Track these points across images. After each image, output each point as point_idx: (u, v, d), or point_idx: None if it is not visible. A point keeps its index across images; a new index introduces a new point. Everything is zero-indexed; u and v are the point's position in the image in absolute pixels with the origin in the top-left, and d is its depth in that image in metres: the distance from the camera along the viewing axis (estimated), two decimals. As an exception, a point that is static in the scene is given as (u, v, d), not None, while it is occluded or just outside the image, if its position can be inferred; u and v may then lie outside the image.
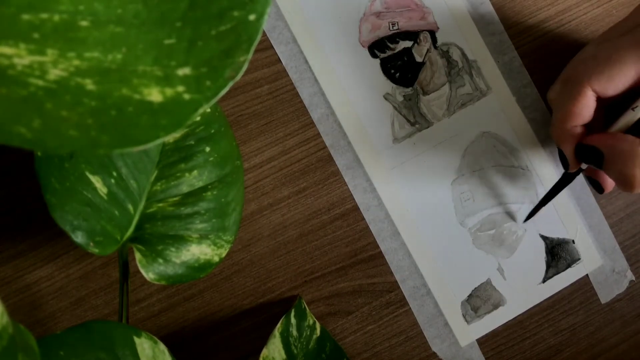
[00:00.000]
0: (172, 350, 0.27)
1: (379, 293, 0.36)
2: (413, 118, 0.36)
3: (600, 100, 0.30)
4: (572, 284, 0.37)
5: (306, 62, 0.35)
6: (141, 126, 0.16)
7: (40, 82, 0.16)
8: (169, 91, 0.17)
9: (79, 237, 0.26)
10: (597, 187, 0.33)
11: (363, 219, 0.36)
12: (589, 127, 0.32)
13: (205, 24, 0.18)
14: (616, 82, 0.28)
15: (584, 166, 0.33)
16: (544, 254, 0.37)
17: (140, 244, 0.29)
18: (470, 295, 0.36)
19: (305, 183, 0.36)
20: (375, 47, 0.36)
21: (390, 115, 0.36)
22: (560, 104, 0.31)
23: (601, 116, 0.31)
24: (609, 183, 0.32)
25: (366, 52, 0.36)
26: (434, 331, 0.36)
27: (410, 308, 0.36)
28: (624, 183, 0.28)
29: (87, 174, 0.27)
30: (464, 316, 0.36)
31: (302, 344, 0.33)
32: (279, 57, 0.35)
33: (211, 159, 0.30)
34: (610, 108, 0.31)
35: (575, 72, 0.29)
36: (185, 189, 0.30)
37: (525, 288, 0.37)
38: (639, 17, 0.29)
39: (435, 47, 0.36)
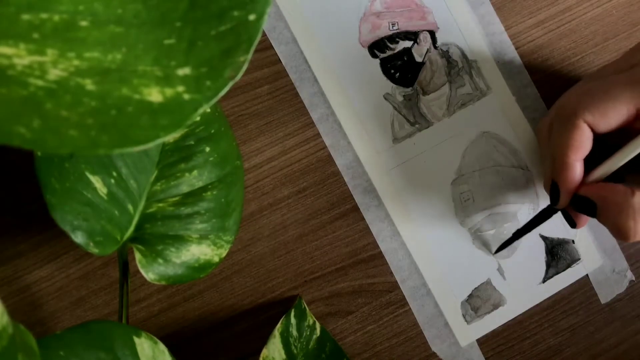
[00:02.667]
0: (172, 350, 0.27)
1: (379, 293, 0.36)
2: (413, 118, 0.36)
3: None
4: (572, 284, 0.37)
5: (306, 62, 0.35)
6: (141, 126, 0.16)
7: (40, 82, 0.16)
8: (169, 91, 0.17)
9: (79, 237, 0.26)
10: (570, 222, 0.32)
11: (363, 219, 0.36)
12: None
13: (205, 24, 0.18)
14: (609, 118, 0.28)
15: None
16: (544, 254, 0.37)
17: (140, 244, 0.29)
18: (470, 295, 0.36)
19: (305, 183, 0.36)
20: (375, 47, 0.36)
21: (390, 115, 0.36)
22: (555, 140, 0.30)
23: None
24: (583, 220, 0.32)
25: (366, 52, 0.36)
26: (434, 331, 0.36)
27: (410, 308, 0.36)
28: (619, 234, 0.28)
29: (87, 174, 0.27)
30: (464, 316, 0.36)
31: (302, 344, 0.33)
32: (278, 57, 0.35)
33: (211, 159, 0.30)
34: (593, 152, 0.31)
35: (568, 106, 0.29)
36: (185, 189, 0.30)
37: (525, 288, 0.37)
38: (633, 58, 0.29)
39: (435, 47, 0.36)
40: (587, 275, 0.37)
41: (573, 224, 0.32)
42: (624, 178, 0.30)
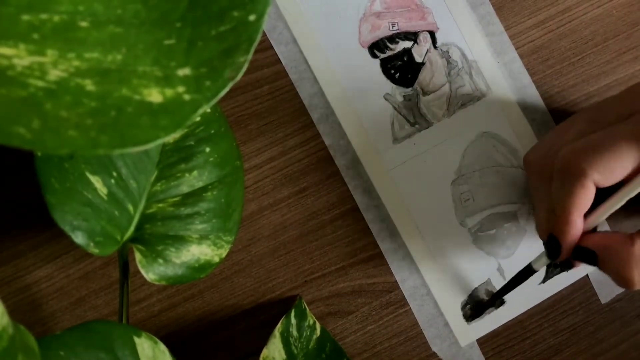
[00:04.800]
0: (172, 350, 0.27)
1: (379, 293, 0.36)
2: (413, 118, 0.36)
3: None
4: (572, 284, 0.37)
5: (306, 62, 0.35)
6: (141, 127, 0.16)
7: (40, 83, 0.16)
8: (168, 92, 0.17)
9: (79, 238, 0.26)
10: (567, 265, 0.33)
11: (363, 219, 0.36)
12: None
13: (205, 24, 0.18)
14: (615, 175, 0.28)
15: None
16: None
17: (140, 244, 0.29)
18: (470, 295, 0.36)
19: (306, 183, 0.36)
20: (375, 48, 0.36)
21: (390, 116, 0.36)
22: (557, 196, 0.30)
23: None
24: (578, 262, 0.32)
25: (366, 52, 0.36)
26: (434, 331, 0.36)
27: (410, 308, 0.36)
28: (622, 283, 0.28)
29: (87, 174, 0.27)
30: (464, 316, 0.36)
31: (302, 344, 0.33)
32: (278, 58, 0.35)
33: (211, 159, 0.30)
34: None
35: (574, 163, 0.29)
36: (185, 189, 0.30)
37: (525, 288, 0.36)
38: (633, 104, 0.29)
39: (435, 48, 0.36)
40: (587, 275, 0.37)
41: (570, 267, 0.33)
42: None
